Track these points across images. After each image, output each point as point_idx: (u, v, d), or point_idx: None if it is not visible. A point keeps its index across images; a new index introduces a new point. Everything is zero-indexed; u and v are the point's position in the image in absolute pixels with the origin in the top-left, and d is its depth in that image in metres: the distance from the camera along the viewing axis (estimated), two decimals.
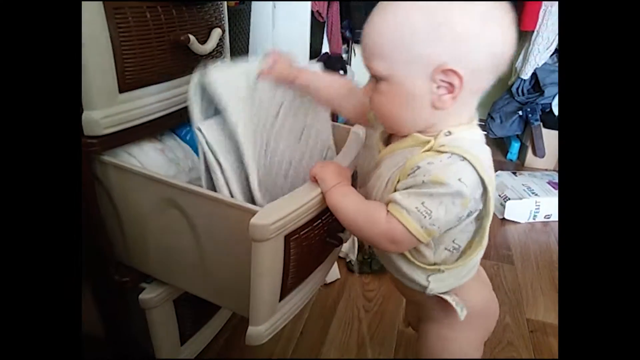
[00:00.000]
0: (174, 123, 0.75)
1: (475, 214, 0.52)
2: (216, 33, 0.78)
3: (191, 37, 0.69)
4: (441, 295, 0.58)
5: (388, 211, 0.51)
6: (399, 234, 0.50)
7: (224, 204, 0.57)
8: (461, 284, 0.59)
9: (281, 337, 1.03)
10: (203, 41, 0.75)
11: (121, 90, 0.63)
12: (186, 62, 0.74)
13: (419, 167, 0.50)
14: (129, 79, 0.63)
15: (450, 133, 0.52)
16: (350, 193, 0.57)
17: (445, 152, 0.49)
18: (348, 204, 0.56)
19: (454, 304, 0.57)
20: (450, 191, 0.47)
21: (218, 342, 0.98)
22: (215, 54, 0.83)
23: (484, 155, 0.50)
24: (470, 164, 0.48)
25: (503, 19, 0.48)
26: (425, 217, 0.48)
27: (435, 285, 0.57)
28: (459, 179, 0.47)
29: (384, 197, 0.55)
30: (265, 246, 0.54)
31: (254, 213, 0.53)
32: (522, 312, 1.16)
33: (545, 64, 1.97)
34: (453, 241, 0.55)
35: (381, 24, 0.49)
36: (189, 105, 0.61)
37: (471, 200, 0.48)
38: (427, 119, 0.52)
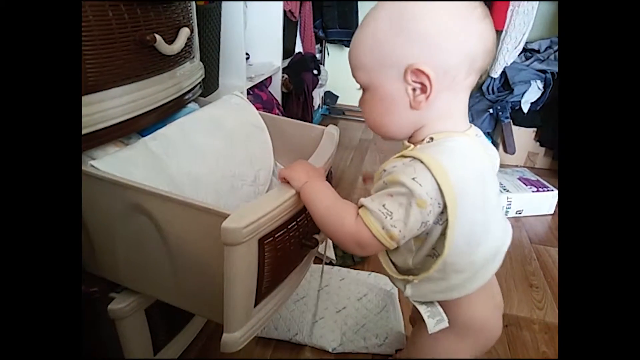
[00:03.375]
0: (141, 125, 0.72)
1: (439, 221, 0.51)
2: (184, 33, 0.76)
3: (157, 36, 0.67)
4: (415, 303, 0.58)
5: (358, 214, 0.52)
6: (365, 237, 0.50)
7: (193, 208, 0.55)
8: (454, 297, 0.56)
9: (258, 341, 1.01)
10: (170, 41, 0.73)
11: (83, 93, 0.60)
12: (153, 63, 0.71)
13: (384, 171, 0.52)
14: (91, 81, 0.61)
15: (432, 139, 0.52)
16: (324, 189, 0.56)
17: (409, 157, 0.50)
18: (322, 200, 0.55)
19: (425, 316, 0.56)
20: (403, 190, 0.48)
21: (193, 351, 0.96)
22: (184, 54, 0.80)
23: (458, 164, 0.49)
24: (428, 168, 0.47)
25: (471, 15, 0.48)
26: (386, 217, 0.48)
27: (412, 292, 0.58)
28: (413, 178, 0.47)
29: None
30: (238, 250, 0.52)
31: (225, 216, 0.51)
32: None
33: (514, 62, 2.02)
34: (433, 248, 0.54)
35: (358, 36, 0.52)
36: None
37: (429, 203, 0.47)
38: (411, 121, 0.52)
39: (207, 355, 0.96)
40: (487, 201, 0.54)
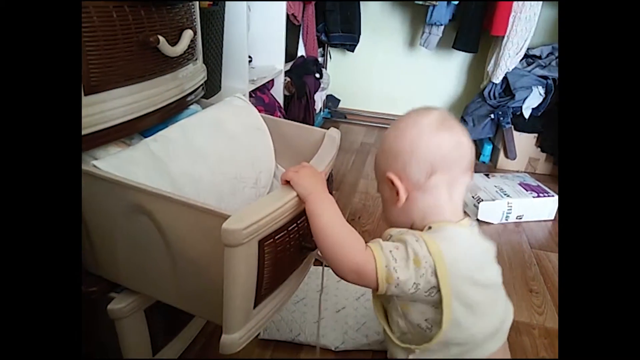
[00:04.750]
0: (144, 126, 0.73)
1: (429, 293, 0.56)
2: (187, 35, 0.76)
3: (161, 38, 0.67)
4: None
5: (367, 245, 0.58)
6: (368, 269, 0.56)
7: (194, 209, 0.56)
8: None
9: (258, 342, 1.01)
10: (174, 43, 0.74)
11: (86, 93, 0.60)
12: (156, 65, 0.72)
13: (391, 235, 0.62)
14: (94, 82, 0.61)
15: (430, 228, 0.61)
16: (330, 205, 0.60)
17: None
18: (329, 218, 0.58)
19: None
20: (406, 247, 0.56)
21: (192, 351, 0.96)
22: (187, 56, 0.81)
23: (451, 246, 0.57)
24: (425, 242, 0.56)
25: (426, 132, 0.60)
26: (391, 260, 0.56)
27: None
28: (416, 240, 0.57)
29: None
30: (238, 251, 0.52)
31: (226, 218, 0.51)
32: None
33: (515, 68, 2.02)
34: (425, 320, 0.58)
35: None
36: None
37: (422, 265, 0.54)
38: (402, 215, 0.63)
39: (207, 356, 0.95)
40: (486, 282, 0.60)
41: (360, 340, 1.00)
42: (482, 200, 1.63)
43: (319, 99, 2.21)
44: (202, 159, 0.74)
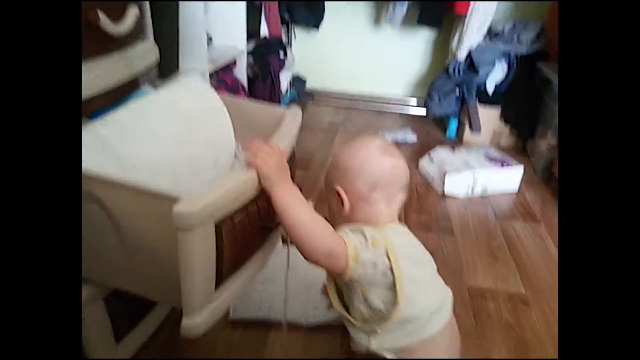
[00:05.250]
0: (90, 109, 0.69)
1: (385, 273, 0.63)
2: (132, 12, 0.72)
3: (101, 15, 0.63)
4: (381, 353, 0.68)
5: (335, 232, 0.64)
6: (339, 250, 0.62)
7: (144, 193, 0.54)
8: (411, 342, 0.68)
9: (227, 323, 1.01)
10: (118, 20, 0.70)
11: None
12: (100, 43, 0.68)
13: (346, 231, 0.67)
14: None
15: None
16: (297, 194, 0.63)
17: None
18: (300, 209, 0.62)
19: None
20: (364, 233, 0.65)
21: (160, 337, 0.95)
22: (135, 35, 0.77)
23: (394, 235, 0.68)
24: (374, 230, 0.65)
25: (372, 155, 0.70)
26: (357, 243, 0.63)
27: (377, 344, 0.68)
28: (366, 229, 0.65)
29: None
30: (193, 235, 0.51)
31: (177, 201, 0.50)
32: (463, 280, 1.22)
33: (478, 45, 2.04)
34: (383, 302, 0.65)
35: None
36: None
37: (379, 245, 0.63)
38: (351, 218, 0.70)
39: (176, 341, 0.94)
40: (424, 265, 0.71)
41: (330, 315, 1.01)
42: (448, 173, 1.66)
43: (285, 79, 2.17)
44: (156, 142, 0.71)
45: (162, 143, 0.71)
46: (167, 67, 1.21)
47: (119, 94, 0.75)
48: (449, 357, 0.74)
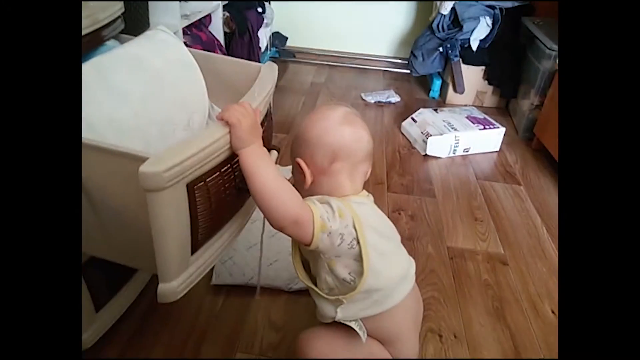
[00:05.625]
0: None
1: (351, 245, 0.63)
2: None
3: None
4: (346, 322, 0.68)
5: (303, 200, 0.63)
6: (305, 218, 0.60)
7: (110, 154, 0.50)
8: (377, 312, 0.68)
9: (210, 288, 1.00)
10: None
11: None
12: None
13: (313, 202, 0.66)
14: None
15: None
16: (267, 158, 0.62)
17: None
18: (268, 173, 0.60)
19: (357, 329, 0.67)
20: (330, 204, 0.63)
21: (141, 304, 0.94)
22: None
23: (358, 206, 0.66)
24: (341, 202, 0.65)
25: (331, 125, 0.68)
26: (324, 212, 0.62)
27: (342, 314, 0.67)
28: (332, 200, 0.64)
29: None
30: (162, 196, 0.48)
31: (144, 160, 0.47)
32: (443, 241, 1.23)
33: None
34: (349, 273, 0.65)
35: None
36: None
37: (346, 216, 0.63)
38: (311, 192, 0.68)
39: (157, 308, 0.94)
40: (388, 235, 0.72)
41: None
42: (431, 135, 1.65)
43: (264, 36, 2.08)
44: (123, 101, 0.66)
45: (128, 102, 0.67)
46: (136, 22, 1.13)
47: (83, 49, 0.69)
48: (413, 325, 0.76)
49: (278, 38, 2.49)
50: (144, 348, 0.86)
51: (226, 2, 1.76)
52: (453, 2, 1.96)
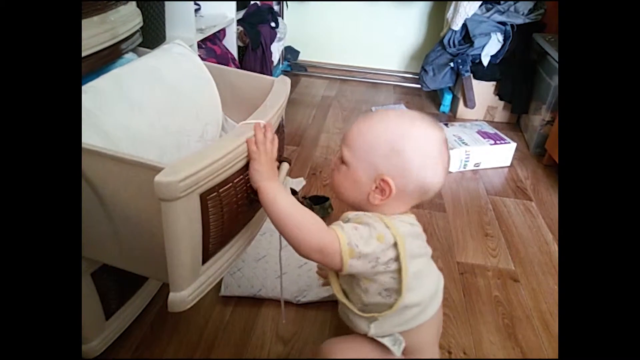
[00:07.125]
0: None
1: (387, 264, 0.61)
2: None
3: None
4: (379, 339, 0.68)
5: (330, 227, 0.61)
6: (331, 246, 0.59)
7: (126, 163, 0.51)
8: (410, 328, 0.68)
9: (218, 300, 1.00)
10: None
11: None
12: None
13: (349, 219, 0.65)
14: None
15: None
16: (284, 189, 0.62)
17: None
18: (288, 202, 0.60)
19: (389, 345, 0.67)
20: (367, 227, 0.61)
21: (150, 313, 0.94)
22: None
23: (401, 226, 0.63)
24: (384, 222, 0.61)
25: (438, 164, 0.63)
26: (352, 238, 0.59)
27: (375, 330, 0.67)
28: (375, 221, 0.61)
29: None
30: (176, 206, 0.49)
31: (160, 170, 0.48)
32: (453, 256, 1.22)
33: (474, 14, 1.99)
34: (385, 290, 0.64)
35: (363, 127, 0.65)
36: None
37: (385, 240, 0.60)
38: (365, 204, 0.65)
39: (166, 317, 0.94)
40: (422, 253, 0.68)
41: (321, 292, 1.01)
42: None
43: (276, 50, 2.11)
44: (140, 112, 0.68)
45: (145, 113, 0.69)
46: (154, 36, 1.16)
47: (100, 62, 0.71)
48: (436, 337, 0.76)
49: (290, 52, 2.52)
50: (152, 357, 0.86)
51: (240, 17, 1.80)
52: (464, 17, 1.98)
